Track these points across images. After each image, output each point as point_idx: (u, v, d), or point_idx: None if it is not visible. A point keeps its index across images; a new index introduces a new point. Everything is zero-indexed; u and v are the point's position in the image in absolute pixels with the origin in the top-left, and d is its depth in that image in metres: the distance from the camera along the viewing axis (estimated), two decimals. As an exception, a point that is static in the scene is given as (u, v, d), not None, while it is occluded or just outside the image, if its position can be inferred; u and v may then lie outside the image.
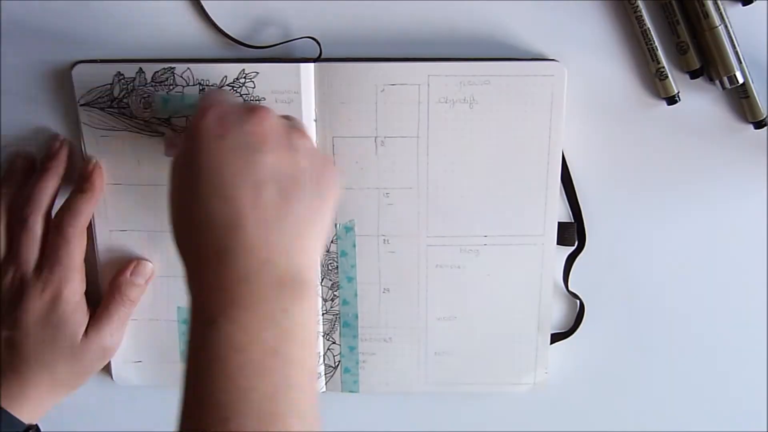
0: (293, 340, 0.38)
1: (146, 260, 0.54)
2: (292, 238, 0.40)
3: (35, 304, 0.50)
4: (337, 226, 0.52)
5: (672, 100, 0.50)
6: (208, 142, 0.40)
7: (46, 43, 0.51)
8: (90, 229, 0.54)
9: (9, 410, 0.49)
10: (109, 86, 0.50)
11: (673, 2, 0.48)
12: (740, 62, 0.48)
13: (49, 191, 0.51)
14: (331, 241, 0.53)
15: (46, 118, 0.52)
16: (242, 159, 0.40)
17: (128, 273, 0.53)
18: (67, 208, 0.51)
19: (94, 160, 0.52)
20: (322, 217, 0.42)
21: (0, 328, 0.50)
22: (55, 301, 0.50)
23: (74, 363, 0.52)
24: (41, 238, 0.51)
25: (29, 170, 0.52)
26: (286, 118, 0.45)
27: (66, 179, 0.52)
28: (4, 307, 0.50)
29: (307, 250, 0.41)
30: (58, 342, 0.51)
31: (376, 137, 0.51)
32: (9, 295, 0.50)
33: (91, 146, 0.52)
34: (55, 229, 0.50)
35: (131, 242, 0.54)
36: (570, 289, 0.54)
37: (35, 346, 0.50)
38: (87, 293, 0.52)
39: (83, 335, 0.51)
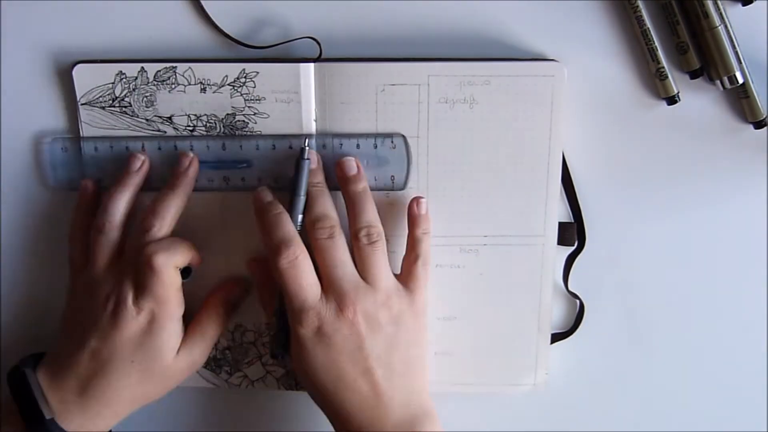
0: None
1: (241, 278, 0.53)
2: (409, 391, 0.49)
3: (130, 325, 0.48)
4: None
5: (672, 100, 0.50)
6: (315, 351, 0.47)
7: (46, 43, 0.51)
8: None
9: (84, 421, 0.48)
10: (110, 85, 0.50)
11: (673, 2, 0.48)
12: (740, 62, 0.48)
13: (121, 201, 0.50)
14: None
15: (47, 118, 0.52)
16: (348, 360, 0.47)
17: (225, 293, 0.53)
18: (151, 210, 0.49)
19: (192, 155, 0.50)
20: (422, 354, 0.51)
21: (90, 338, 0.48)
22: (151, 325, 0.48)
23: (162, 381, 0.50)
24: (118, 244, 0.50)
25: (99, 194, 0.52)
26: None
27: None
28: (100, 321, 0.48)
29: (422, 387, 0.51)
30: (149, 364, 0.49)
31: (376, 137, 0.51)
32: (103, 310, 0.48)
33: (90, 146, 0.52)
34: (139, 231, 0.49)
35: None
36: (570, 289, 0.54)
37: (123, 364, 0.48)
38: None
39: (175, 355, 0.50)
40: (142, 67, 0.50)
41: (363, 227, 0.48)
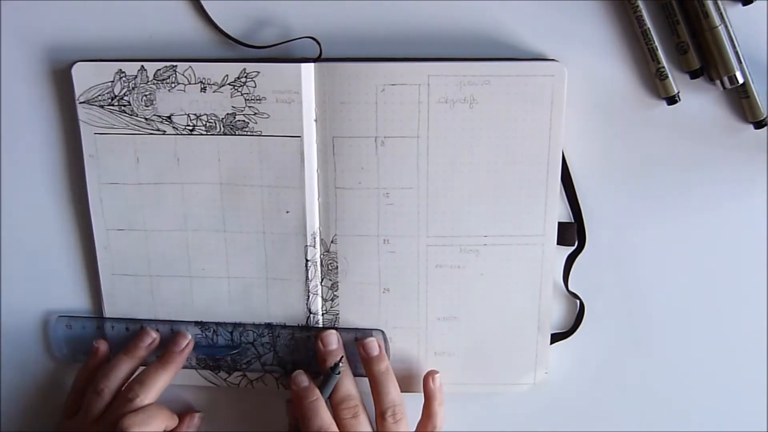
0: None
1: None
2: None
3: None
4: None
5: (672, 100, 0.50)
6: None
7: (46, 42, 0.51)
8: (87, 229, 0.54)
9: None
10: (109, 84, 0.50)
11: (673, 2, 0.48)
12: (740, 62, 0.48)
13: (124, 370, 0.53)
14: (331, 241, 0.53)
15: (45, 117, 0.52)
16: None
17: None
18: (139, 380, 0.53)
19: (190, 338, 0.54)
20: None
21: None
22: None
23: None
24: (108, 405, 0.53)
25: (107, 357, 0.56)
26: None
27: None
28: None
29: None
30: None
31: (376, 137, 0.51)
32: None
33: (89, 144, 0.52)
34: (124, 398, 0.52)
35: (129, 241, 0.54)
36: (570, 289, 0.54)
37: None
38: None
39: None
40: (142, 66, 0.50)
41: (389, 407, 0.52)
